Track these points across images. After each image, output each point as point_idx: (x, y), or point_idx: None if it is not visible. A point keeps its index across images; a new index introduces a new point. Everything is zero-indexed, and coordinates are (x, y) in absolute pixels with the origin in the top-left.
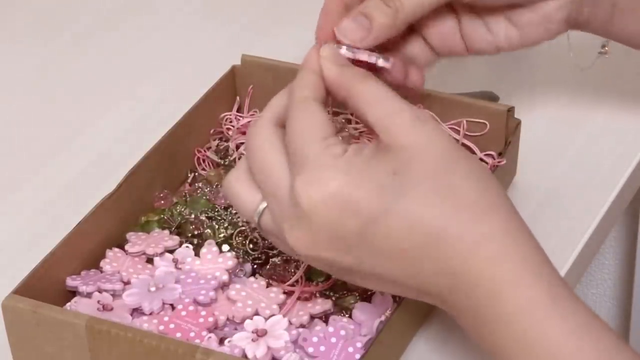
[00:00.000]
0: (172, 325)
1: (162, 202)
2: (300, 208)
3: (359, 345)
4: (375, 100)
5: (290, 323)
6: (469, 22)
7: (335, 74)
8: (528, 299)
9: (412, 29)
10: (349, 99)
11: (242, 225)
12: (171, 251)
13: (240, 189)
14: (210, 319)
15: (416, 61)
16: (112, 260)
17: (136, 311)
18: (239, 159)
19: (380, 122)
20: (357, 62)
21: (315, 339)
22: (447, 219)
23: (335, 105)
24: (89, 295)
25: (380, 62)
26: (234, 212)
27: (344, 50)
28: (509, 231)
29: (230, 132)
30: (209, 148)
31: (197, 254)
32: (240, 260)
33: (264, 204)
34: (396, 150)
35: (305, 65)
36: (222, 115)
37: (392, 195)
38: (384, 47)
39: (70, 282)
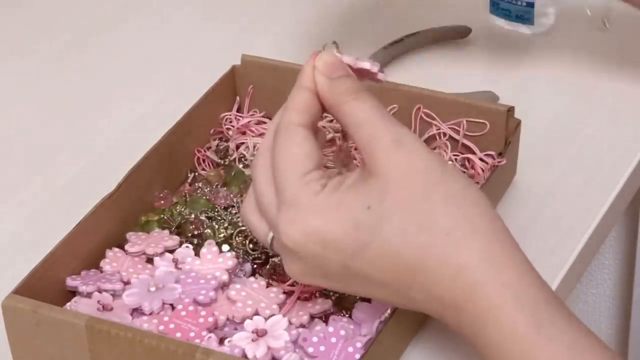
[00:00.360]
0: (172, 325)
1: (162, 202)
2: (286, 248)
3: (359, 345)
4: (361, 122)
5: (290, 323)
6: None
7: (326, 88)
8: (511, 327)
9: None
10: (338, 116)
11: (242, 225)
12: (171, 251)
13: (251, 217)
14: (210, 319)
15: None
16: (112, 260)
17: (136, 311)
18: (239, 159)
19: (364, 147)
20: (356, 71)
21: (315, 339)
22: (424, 250)
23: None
24: (89, 295)
25: (380, 76)
26: (234, 212)
27: (346, 57)
28: (488, 258)
29: (230, 132)
30: (209, 148)
31: (197, 254)
32: (240, 260)
33: (271, 235)
34: (375, 178)
35: (299, 81)
36: (222, 115)
37: (368, 231)
38: None
39: (70, 282)
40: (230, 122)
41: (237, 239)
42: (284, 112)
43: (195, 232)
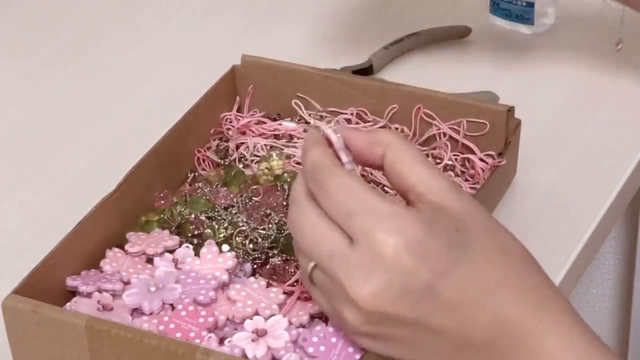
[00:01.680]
0: (172, 325)
1: (162, 202)
2: (379, 258)
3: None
4: (417, 163)
5: (290, 323)
6: None
7: (368, 135)
8: (569, 340)
9: None
10: (389, 155)
11: (242, 225)
12: (171, 251)
13: (299, 253)
14: (210, 319)
15: None
16: (112, 260)
17: (136, 311)
18: (239, 159)
19: (425, 183)
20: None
21: (315, 339)
22: (505, 271)
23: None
24: (89, 295)
25: (348, 167)
26: (234, 212)
27: (332, 135)
28: (548, 283)
29: (230, 132)
30: (209, 148)
31: (197, 254)
32: (240, 260)
33: (312, 264)
34: (447, 209)
35: (312, 144)
36: (222, 115)
37: (460, 249)
38: None
39: (70, 282)
40: (230, 122)
41: (237, 239)
42: (321, 159)
43: (195, 232)
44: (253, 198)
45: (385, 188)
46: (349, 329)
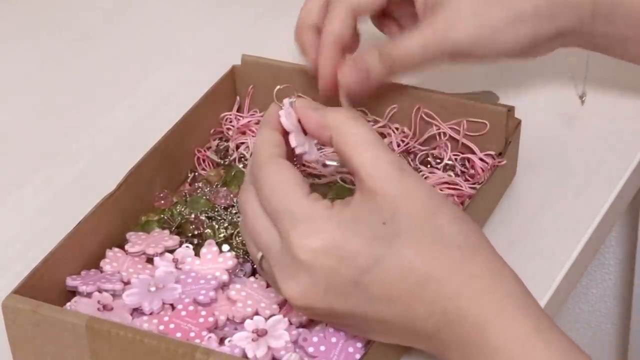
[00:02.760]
0: (172, 325)
1: (162, 202)
2: (297, 261)
3: (359, 345)
4: (361, 145)
5: (290, 323)
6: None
7: (318, 116)
8: (513, 331)
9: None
10: (335, 139)
11: None
12: (171, 251)
13: (245, 236)
14: (210, 319)
15: None
16: (112, 260)
17: (136, 311)
18: (239, 159)
19: (365, 168)
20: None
21: (315, 339)
22: (436, 262)
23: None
24: (89, 295)
25: (298, 150)
26: (234, 212)
27: (283, 117)
28: (492, 270)
29: (230, 132)
30: (209, 148)
31: (197, 254)
32: (240, 260)
33: (260, 255)
34: (382, 198)
35: (265, 124)
36: (222, 115)
37: (383, 244)
38: None
39: (70, 282)
40: (230, 122)
41: (237, 239)
42: (260, 149)
43: (195, 232)
44: None
45: None
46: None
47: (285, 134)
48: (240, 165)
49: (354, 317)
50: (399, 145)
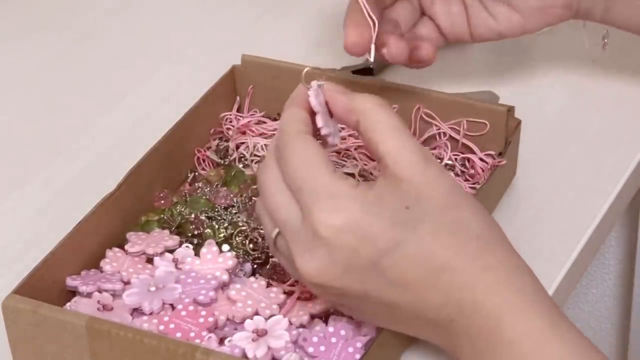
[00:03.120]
0: (172, 325)
1: (162, 202)
2: (318, 237)
3: (359, 345)
4: (388, 132)
5: (290, 323)
6: (473, 6)
7: (346, 100)
8: (527, 324)
9: (424, 12)
10: (362, 123)
11: (242, 225)
12: (171, 251)
13: (262, 213)
14: (210, 319)
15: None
16: (112, 260)
17: (136, 311)
18: (239, 159)
19: (391, 155)
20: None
21: (315, 339)
22: (455, 252)
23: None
24: (89, 295)
25: (323, 131)
26: (234, 212)
27: (312, 98)
28: (509, 264)
29: (230, 132)
30: (209, 148)
31: (197, 254)
32: (240, 260)
33: (277, 231)
34: (406, 184)
35: (293, 102)
36: (222, 115)
37: (405, 229)
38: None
39: (70, 282)
40: (230, 122)
41: (237, 239)
42: (287, 125)
43: (195, 232)
44: (253, 198)
45: None
46: (315, 294)
47: (312, 114)
48: (240, 165)
49: (366, 301)
50: None
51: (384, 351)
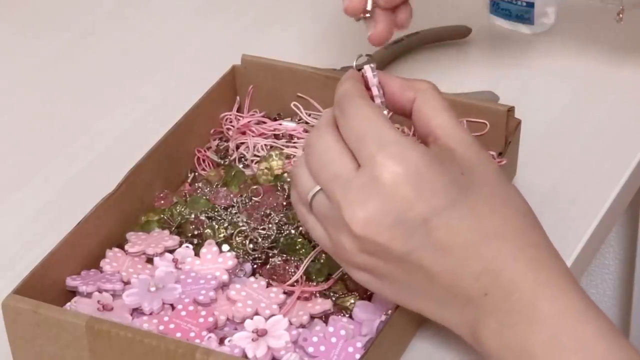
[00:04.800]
0: (172, 325)
1: (162, 202)
2: (377, 183)
3: (359, 345)
4: (444, 110)
5: (290, 323)
6: None
7: (402, 80)
8: (566, 302)
9: None
10: (418, 100)
11: (242, 225)
12: (171, 251)
13: (299, 171)
14: (210, 319)
15: None
16: (112, 260)
17: (136, 311)
18: (239, 159)
19: (444, 128)
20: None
21: (315, 339)
22: (506, 222)
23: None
24: (89, 295)
25: (376, 101)
26: (234, 212)
27: (369, 71)
28: (548, 245)
29: (230, 132)
30: (209, 148)
31: (197, 254)
32: (240, 260)
33: (317, 188)
34: (459, 154)
35: (349, 77)
36: (222, 115)
37: (460, 192)
38: None
39: (70, 282)
40: (230, 122)
41: (237, 239)
42: (350, 88)
43: (195, 232)
44: (253, 198)
45: None
46: (345, 259)
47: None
48: (240, 165)
49: (402, 265)
50: None
51: (384, 351)
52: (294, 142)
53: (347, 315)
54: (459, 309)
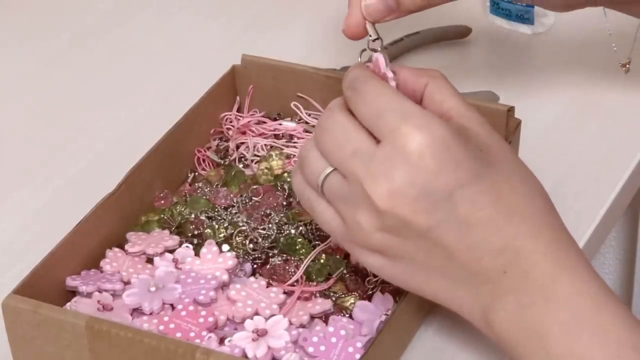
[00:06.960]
0: (172, 325)
1: (162, 202)
2: (402, 155)
3: (359, 345)
4: (456, 94)
5: (290, 323)
6: None
7: (417, 68)
8: (584, 285)
9: None
10: (430, 85)
11: (242, 225)
12: (171, 251)
13: (309, 154)
14: (210, 319)
15: None
16: (112, 260)
17: (136, 311)
18: (239, 159)
19: (459, 109)
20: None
21: (315, 339)
22: (524, 201)
23: None
24: (89, 295)
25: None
26: (234, 212)
27: (381, 56)
28: (565, 228)
29: (230, 132)
30: (209, 148)
31: (197, 254)
32: (240, 260)
33: (330, 169)
34: (475, 133)
35: (357, 65)
36: (222, 115)
37: (483, 166)
38: None
39: (70, 282)
40: (230, 122)
41: (237, 239)
42: (362, 70)
43: (195, 232)
44: (253, 198)
45: None
46: (360, 240)
47: None
48: (240, 165)
49: (423, 242)
50: None
51: (384, 351)
52: (294, 142)
53: (347, 315)
54: (475, 288)
